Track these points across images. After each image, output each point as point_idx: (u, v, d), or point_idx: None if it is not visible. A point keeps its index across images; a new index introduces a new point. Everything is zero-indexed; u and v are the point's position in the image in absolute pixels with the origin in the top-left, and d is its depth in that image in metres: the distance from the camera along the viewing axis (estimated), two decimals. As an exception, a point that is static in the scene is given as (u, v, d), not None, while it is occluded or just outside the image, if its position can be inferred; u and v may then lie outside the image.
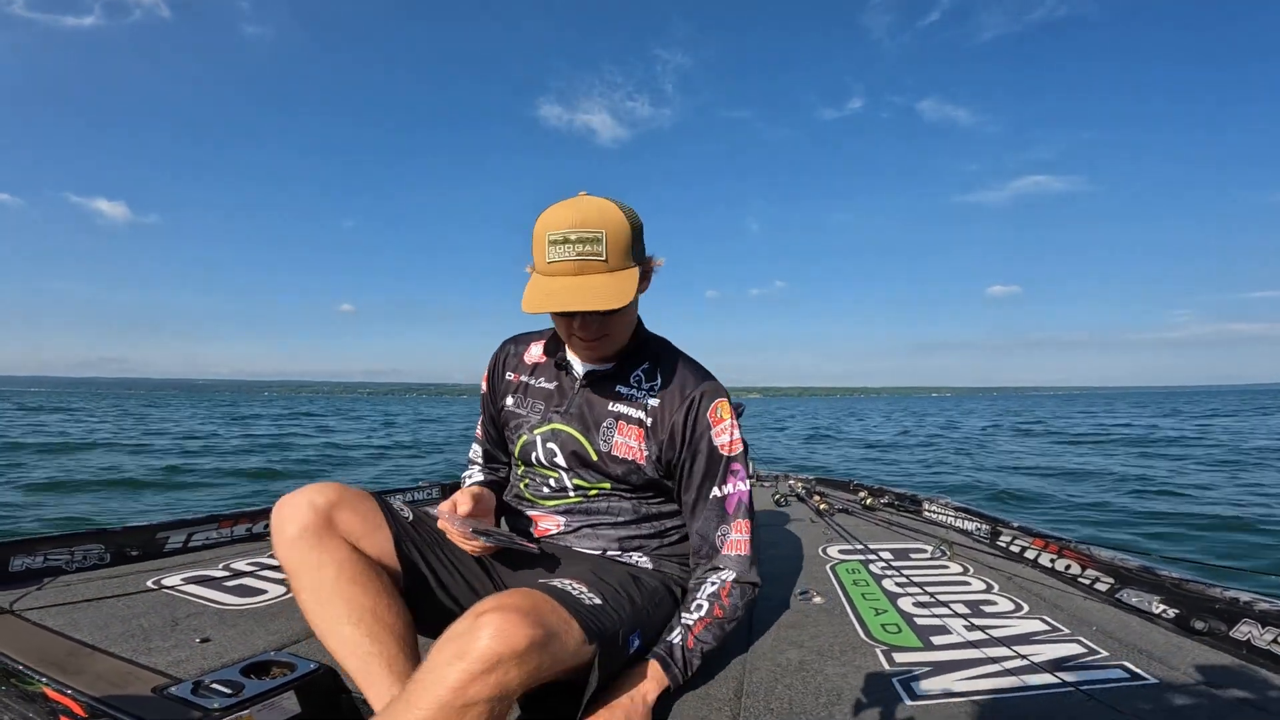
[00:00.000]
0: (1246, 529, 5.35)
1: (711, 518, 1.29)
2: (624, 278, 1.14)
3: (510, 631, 0.84)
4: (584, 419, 1.31)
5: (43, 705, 1.01)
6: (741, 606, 1.26)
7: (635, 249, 1.18)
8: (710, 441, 1.27)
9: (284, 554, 1.08)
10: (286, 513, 1.09)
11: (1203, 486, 7.64)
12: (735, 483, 1.29)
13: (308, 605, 1.08)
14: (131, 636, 1.41)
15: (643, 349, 1.35)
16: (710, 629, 1.21)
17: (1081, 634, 1.46)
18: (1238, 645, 1.39)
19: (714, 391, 1.30)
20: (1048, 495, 7.35)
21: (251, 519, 2.56)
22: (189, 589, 1.79)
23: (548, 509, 1.36)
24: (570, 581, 1.10)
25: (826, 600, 1.72)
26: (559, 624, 0.93)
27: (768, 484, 4.05)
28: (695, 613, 1.22)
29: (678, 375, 1.31)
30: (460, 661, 0.82)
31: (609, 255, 1.12)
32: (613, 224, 1.13)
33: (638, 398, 1.30)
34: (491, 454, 1.56)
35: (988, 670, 1.27)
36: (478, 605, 0.90)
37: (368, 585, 1.08)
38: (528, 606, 0.90)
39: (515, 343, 1.49)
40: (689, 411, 1.27)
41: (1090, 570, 1.89)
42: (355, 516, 1.12)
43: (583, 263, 1.12)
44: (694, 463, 1.28)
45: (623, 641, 1.09)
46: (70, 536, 1.98)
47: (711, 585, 1.26)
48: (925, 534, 2.55)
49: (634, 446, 1.28)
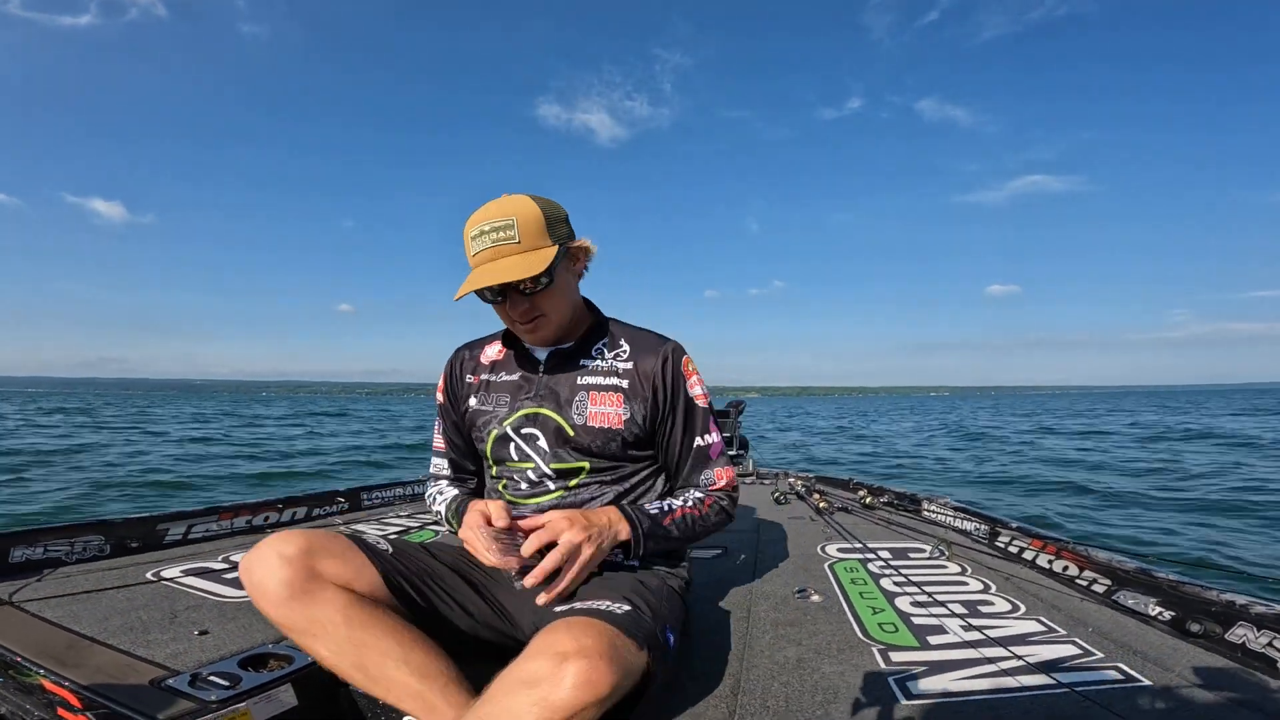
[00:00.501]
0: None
1: (698, 465, 1.38)
2: (538, 255, 1.22)
3: (596, 680, 0.82)
4: (555, 397, 1.34)
5: (40, 697, 1.02)
6: (714, 522, 1.36)
7: (552, 232, 1.25)
8: (687, 393, 1.36)
9: (279, 615, 1.03)
10: (260, 573, 1.02)
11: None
12: (715, 432, 1.40)
13: (333, 661, 1.03)
14: (130, 629, 1.41)
15: (598, 327, 1.42)
16: (686, 519, 1.30)
17: (1078, 635, 1.46)
18: (1233, 648, 1.39)
19: (679, 349, 1.39)
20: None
21: (252, 511, 2.57)
22: (188, 581, 1.80)
23: (530, 508, 1.35)
24: (594, 601, 1.07)
25: (824, 598, 1.72)
26: (629, 655, 0.92)
27: (768, 481, 4.05)
28: (680, 500, 1.33)
29: (641, 339, 1.40)
30: (540, 709, 0.80)
31: (521, 237, 1.21)
32: (522, 211, 1.22)
33: (604, 366, 1.36)
34: (459, 464, 1.54)
35: (983, 670, 1.27)
36: (555, 643, 0.87)
37: (385, 624, 1.05)
38: (606, 647, 0.87)
39: (469, 348, 1.52)
40: (664, 365, 1.35)
41: (1088, 572, 1.89)
42: (335, 560, 1.08)
43: (498, 248, 1.21)
44: (675, 416, 1.36)
45: (663, 640, 1.09)
46: (71, 527, 1.99)
47: (699, 491, 1.37)
48: (924, 533, 2.55)
49: (610, 413, 1.31)
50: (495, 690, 0.86)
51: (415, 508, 3.18)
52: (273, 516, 2.64)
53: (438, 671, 1.02)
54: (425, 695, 1.00)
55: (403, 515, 2.95)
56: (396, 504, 3.25)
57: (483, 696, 0.88)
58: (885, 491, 3.30)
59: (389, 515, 2.94)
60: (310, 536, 1.08)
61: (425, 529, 2.63)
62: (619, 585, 1.17)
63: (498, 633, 1.24)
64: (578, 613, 0.99)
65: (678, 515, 1.30)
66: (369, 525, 2.68)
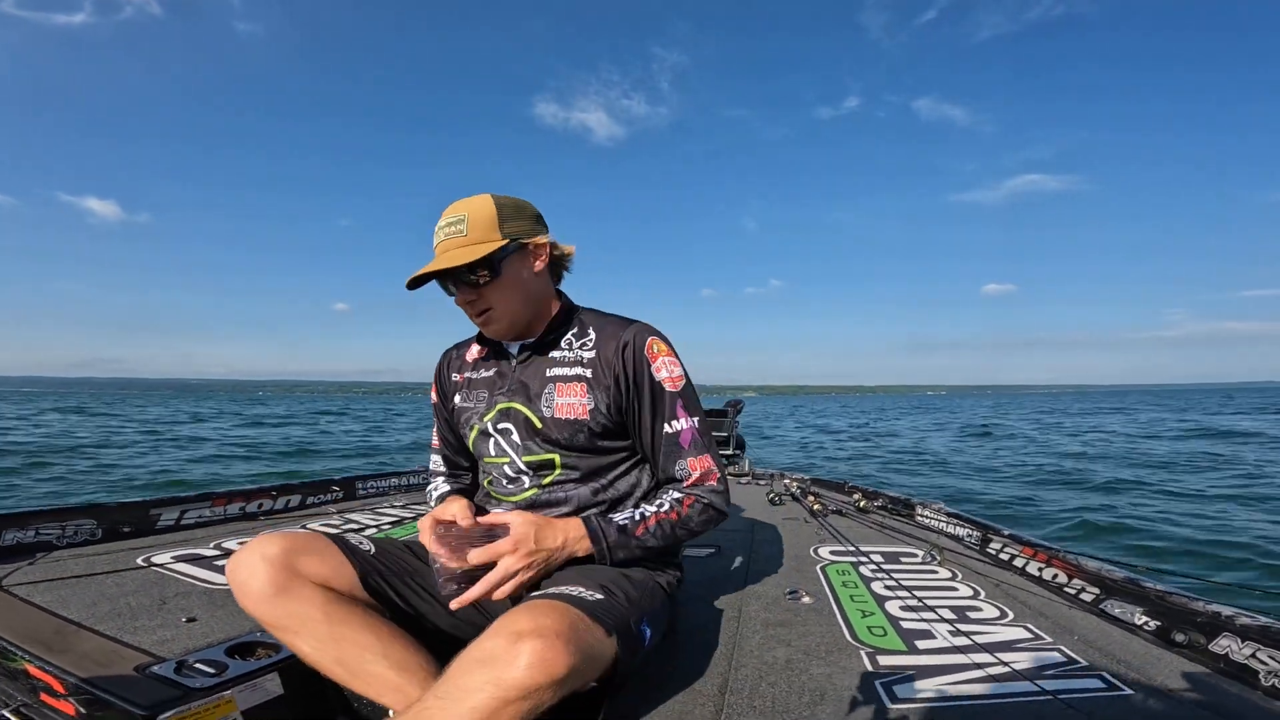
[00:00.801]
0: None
1: (670, 455, 1.33)
2: (479, 246, 1.23)
3: (551, 659, 0.82)
4: (525, 391, 1.34)
5: (24, 682, 1.02)
6: (698, 522, 1.31)
7: (505, 226, 1.26)
8: (651, 377, 1.31)
9: (261, 612, 1.05)
10: (243, 574, 1.05)
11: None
12: (685, 418, 1.33)
13: (315, 657, 1.04)
14: (119, 614, 1.41)
15: (569, 318, 1.40)
16: (662, 525, 1.27)
17: (1063, 643, 1.47)
18: (1216, 658, 1.39)
19: (645, 330, 1.35)
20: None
21: (245, 498, 2.57)
22: (179, 567, 1.80)
23: (511, 504, 1.36)
24: (566, 587, 1.08)
25: (815, 600, 1.73)
26: (591, 638, 0.92)
27: (763, 482, 4.06)
28: (654, 506, 1.29)
29: (607, 326, 1.37)
30: (494, 688, 0.80)
31: (469, 230, 1.24)
32: (475, 208, 1.25)
33: (570, 357, 1.35)
34: (453, 460, 1.57)
35: (969, 676, 1.27)
36: (513, 622, 0.87)
37: (364, 620, 1.06)
38: (565, 628, 0.88)
39: (457, 348, 1.55)
40: (624, 351, 1.31)
41: (1076, 580, 1.89)
42: (315, 558, 1.09)
43: (448, 241, 1.24)
44: (641, 401, 1.32)
45: (636, 630, 1.09)
46: (63, 510, 1.99)
47: (676, 493, 1.31)
48: (916, 538, 2.55)
49: (575, 403, 1.30)
50: (453, 669, 0.86)
51: (410, 498, 3.18)
52: (266, 504, 2.64)
53: (417, 665, 1.04)
54: (405, 688, 1.01)
55: (397, 505, 2.96)
56: (391, 494, 3.25)
57: (442, 676, 0.88)
58: (879, 495, 3.31)
59: (383, 505, 2.94)
60: (291, 537, 1.11)
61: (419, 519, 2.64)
62: (598, 574, 1.18)
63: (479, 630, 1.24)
64: (548, 598, 1.00)
65: (651, 524, 1.26)
66: (363, 515, 2.69)
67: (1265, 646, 1.31)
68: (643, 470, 1.40)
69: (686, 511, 1.29)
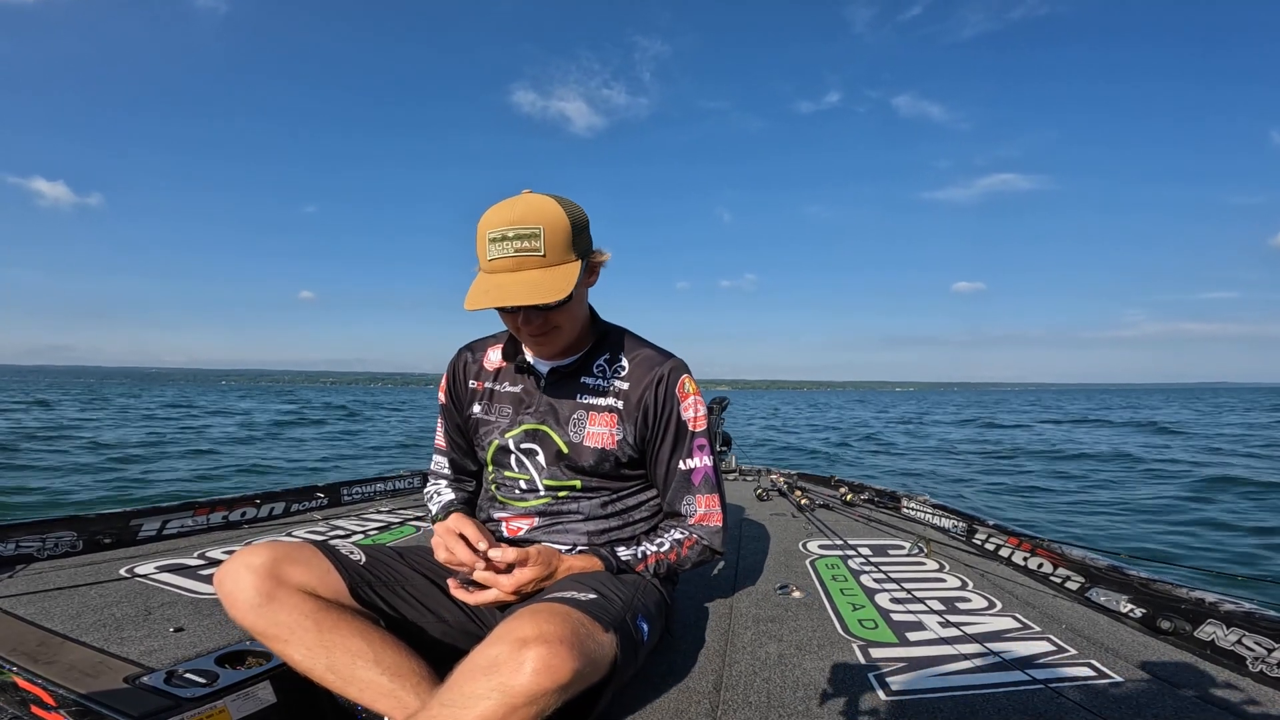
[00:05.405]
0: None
1: (680, 490, 1.34)
2: (562, 272, 1.14)
3: (556, 666, 0.82)
4: (555, 415, 1.32)
5: (13, 694, 1.00)
6: (694, 562, 1.35)
7: (577, 243, 1.17)
8: (679, 416, 1.32)
9: (250, 622, 1.03)
10: (230, 584, 1.04)
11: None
12: (701, 457, 1.34)
13: (306, 665, 1.02)
14: (104, 625, 1.39)
15: (602, 341, 1.36)
16: (662, 564, 1.30)
17: (1051, 632, 1.49)
18: (1202, 645, 1.42)
19: (679, 368, 1.34)
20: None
21: (228, 507, 2.53)
22: (163, 577, 1.77)
23: (519, 510, 1.35)
24: (561, 592, 1.08)
25: (805, 595, 1.74)
26: (593, 641, 0.92)
27: (750, 478, 4.08)
28: (655, 545, 1.31)
29: (642, 357, 1.34)
30: (500, 695, 0.80)
31: (546, 250, 1.12)
32: (550, 219, 1.13)
33: (603, 386, 1.32)
34: (460, 464, 1.51)
35: (960, 667, 1.29)
36: (516, 628, 0.87)
37: (354, 626, 1.05)
38: (568, 633, 0.88)
39: (472, 350, 1.46)
40: (658, 387, 1.30)
41: (1061, 569, 1.93)
42: (300, 566, 1.08)
43: (520, 258, 1.12)
44: (663, 437, 1.32)
45: (634, 627, 1.10)
46: (42, 523, 1.95)
47: (679, 533, 1.34)
48: (903, 530, 2.58)
49: (605, 433, 1.29)
50: (457, 677, 0.86)
51: (396, 503, 3.15)
52: (250, 512, 2.60)
53: (410, 670, 1.03)
54: (398, 694, 1.00)
55: (383, 511, 2.93)
56: (377, 499, 3.22)
57: (445, 683, 0.88)
58: (866, 489, 3.34)
59: (369, 511, 2.91)
60: (277, 546, 1.09)
61: (406, 524, 2.61)
62: (590, 579, 1.18)
63: (472, 638, 1.23)
64: (545, 602, 1.00)
65: (651, 562, 1.29)
66: (349, 521, 2.66)
67: (1250, 632, 1.35)
68: (649, 490, 1.41)
69: (685, 553, 1.33)
